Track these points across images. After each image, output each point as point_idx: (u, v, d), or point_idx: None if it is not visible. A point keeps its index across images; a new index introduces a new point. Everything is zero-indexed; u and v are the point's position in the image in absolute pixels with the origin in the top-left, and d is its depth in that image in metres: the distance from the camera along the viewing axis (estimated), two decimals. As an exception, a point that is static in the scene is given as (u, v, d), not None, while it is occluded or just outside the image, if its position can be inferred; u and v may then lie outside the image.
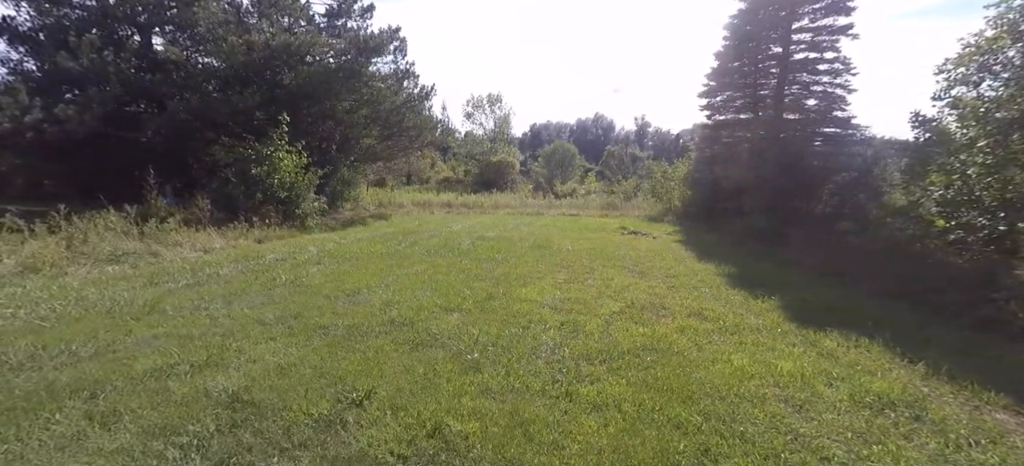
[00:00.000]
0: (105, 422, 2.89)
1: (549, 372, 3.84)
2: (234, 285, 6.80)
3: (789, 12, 16.11)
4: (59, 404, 3.09)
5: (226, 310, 5.53)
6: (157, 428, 2.83)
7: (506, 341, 4.54)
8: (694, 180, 17.26)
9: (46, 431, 2.78)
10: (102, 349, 4.15)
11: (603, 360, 4.14)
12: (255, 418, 2.96)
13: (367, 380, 3.57)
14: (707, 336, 4.92)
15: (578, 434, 2.89)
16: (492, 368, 3.87)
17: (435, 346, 4.41)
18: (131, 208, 10.27)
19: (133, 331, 4.68)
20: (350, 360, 3.99)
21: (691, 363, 4.08)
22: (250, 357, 4.03)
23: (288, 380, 3.57)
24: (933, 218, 8.06)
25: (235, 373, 3.67)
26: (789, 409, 3.27)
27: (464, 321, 5.24)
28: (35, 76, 15.56)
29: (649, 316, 5.64)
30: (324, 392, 3.38)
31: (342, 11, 19.39)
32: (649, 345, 4.53)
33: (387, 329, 4.93)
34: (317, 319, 5.21)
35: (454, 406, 3.18)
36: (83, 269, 7.46)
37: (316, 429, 2.88)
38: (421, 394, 3.37)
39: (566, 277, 7.82)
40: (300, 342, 4.47)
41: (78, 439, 2.70)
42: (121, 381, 3.47)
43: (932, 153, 7.96)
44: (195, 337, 4.51)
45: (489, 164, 32.29)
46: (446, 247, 10.53)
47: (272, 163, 12.48)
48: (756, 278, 7.91)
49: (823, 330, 5.11)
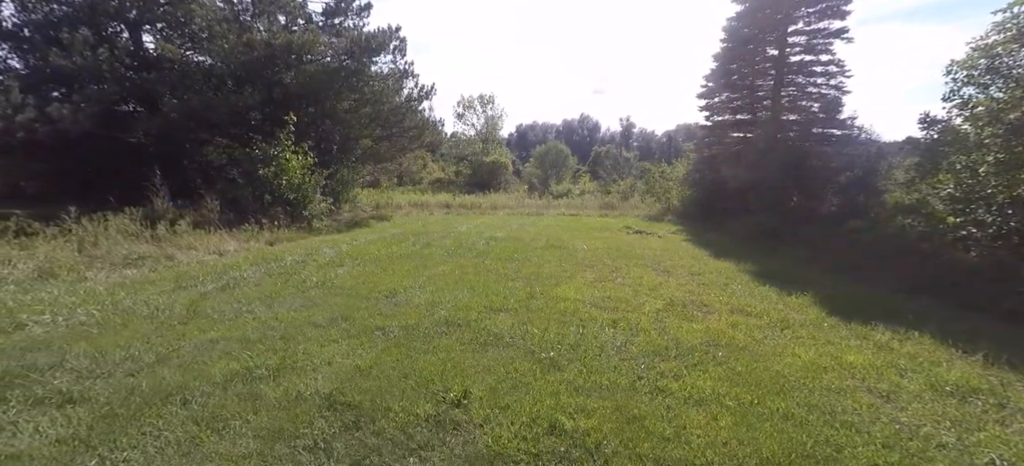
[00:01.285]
0: (214, 427, 2.82)
1: (629, 369, 3.87)
2: (265, 288, 6.67)
3: (785, 15, 16.55)
4: (156, 410, 3.00)
5: (270, 313, 5.42)
6: (271, 432, 2.78)
7: (572, 340, 4.56)
8: (694, 180, 17.53)
9: (158, 438, 2.70)
10: (165, 354, 4.03)
11: (674, 356, 4.19)
12: (366, 420, 2.93)
13: (455, 380, 3.55)
14: (761, 332, 5.02)
15: (692, 428, 2.93)
16: (572, 367, 3.88)
17: (501, 346, 4.41)
18: (136, 210, 10.02)
19: (186, 336, 4.56)
20: (426, 361, 3.96)
21: (761, 358, 4.17)
22: (323, 359, 3.97)
23: (375, 382, 3.52)
24: (942, 215, 8.35)
25: (317, 376, 3.61)
26: (879, 400, 3.38)
27: (518, 321, 5.24)
28: (19, 74, 14.97)
29: (695, 313, 5.73)
30: (417, 393, 3.35)
31: (339, 9, 19.14)
32: (711, 341, 4.61)
33: (444, 329, 4.90)
34: (368, 321, 5.15)
35: (557, 404, 3.19)
36: (102, 273, 7.23)
37: (431, 429, 2.86)
38: (516, 393, 3.37)
39: (594, 276, 7.86)
40: (364, 344, 4.41)
41: (196, 444, 2.63)
42: (206, 386, 3.38)
43: (942, 152, 8.25)
44: (254, 341, 4.42)
45: (482, 165, 32.26)
46: (462, 248, 10.49)
47: (279, 164, 12.26)
48: (777, 275, 8.08)
49: (867, 324, 5.26)
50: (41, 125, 11.89)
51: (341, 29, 18.63)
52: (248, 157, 12.21)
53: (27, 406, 3.06)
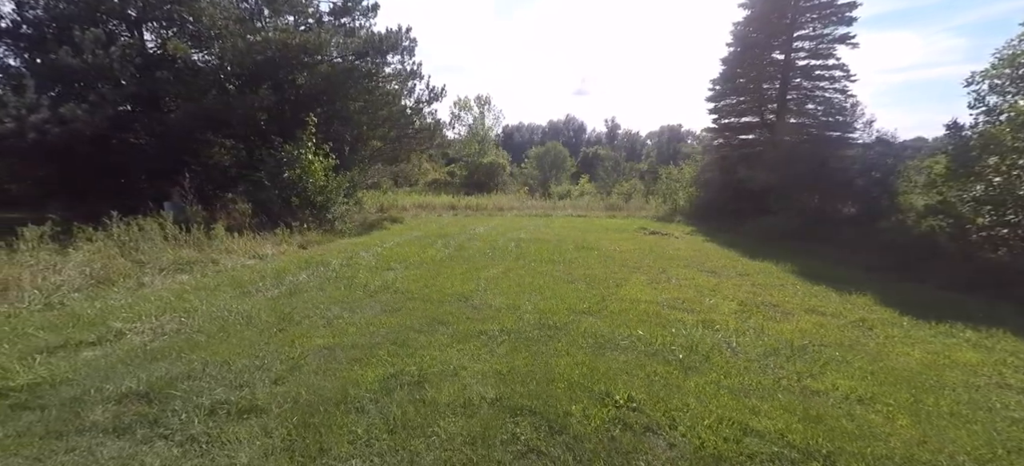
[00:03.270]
0: (415, 434, 2.81)
1: (759, 369, 3.99)
2: (331, 292, 6.59)
3: (792, 20, 17.04)
4: (341, 418, 2.98)
5: (360, 318, 5.37)
6: (474, 437, 2.79)
7: (682, 341, 4.65)
8: (703, 182, 17.88)
9: (369, 446, 2.69)
10: (295, 362, 3.96)
11: (791, 357, 4.32)
12: (556, 425, 2.96)
13: (603, 383, 3.60)
14: (850, 331, 5.21)
15: (876, 426, 3.05)
16: (705, 369, 3.97)
17: (617, 349, 4.46)
18: (166, 214, 9.76)
19: (295, 342, 4.49)
20: (558, 364, 3.99)
21: (875, 357, 4.34)
22: (454, 364, 3.96)
23: (527, 386, 3.54)
24: (973, 216, 8.75)
25: (468, 381, 3.61)
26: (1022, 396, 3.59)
27: (610, 324, 5.29)
28: (20, 73, 14.37)
29: (773, 313, 5.89)
30: (579, 396, 3.38)
31: (346, 9, 18.90)
32: (813, 341, 4.76)
33: (547, 333, 4.93)
34: (465, 326, 5.14)
35: (730, 405, 3.28)
36: (157, 279, 7.04)
37: (625, 431, 2.91)
38: (676, 395, 3.43)
39: (647, 278, 7.97)
40: (480, 348, 4.41)
41: (413, 453, 2.63)
42: (368, 393, 3.36)
43: (972, 156, 8.66)
44: (371, 347, 4.37)
45: (479, 166, 32.23)
46: (495, 251, 10.49)
47: (303, 166, 12.06)
48: (821, 275, 8.33)
49: (944, 322, 5.50)
50: (53, 126, 11.44)
51: (352, 29, 18.42)
52: (273, 159, 11.97)
53: (203, 416, 3.00)
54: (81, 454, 2.60)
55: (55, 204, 13.63)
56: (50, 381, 3.44)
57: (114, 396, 3.26)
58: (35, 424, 2.87)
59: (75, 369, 3.69)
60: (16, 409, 3.04)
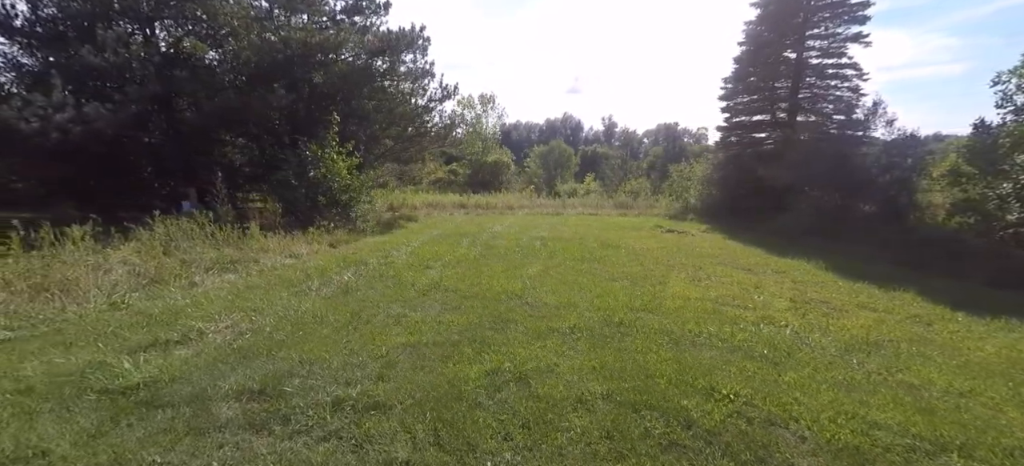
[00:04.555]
0: (546, 426, 2.89)
1: (845, 365, 4.09)
2: (381, 291, 6.61)
3: (804, 19, 17.23)
4: (478, 412, 3.04)
5: (421, 316, 5.41)
6: (607, 432, 2.87)
7: (752, 336, 4.74)
8: (719, 179, 18.03)
9: (509, 438, 2.76)
10: (387, 361, 3.99)
11: (865, 351, 4.43)
12: (682, 419, 3.04)
13: (702, 378, 3.68)
14: (908, 326, 5.33)
15: (986, 418, 3.16)
16: (793, 365, 4.05)
17: (696, 346, 4.53)
18: (200, 213, 9.72)
19: (376, 340, 4.51)
20: (647, 360, 4.07)
21: (948, 350, 4.47)
22: (548, 361, 4.02)
23: (626, 382, 3.60)
24: (1000, 213, 8.94)
25: (569, 377, 3.68)
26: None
27: (672, 321, 5.34)
28: (34, 71, 14.23)
29: (826, 309, 6.00)
30: (686, 391, 3.46)
31: (359, 8, 18.85)
32: (881, 335, 4.87)
33: (617, 331, 4.99)
34: (532, 324, 5.18)
35: (835, 400, 3.36)
36: (207, 278, 7.04)
37: (752, 426, 2.99)
38: (775, 391, 3.50)
39: (686, 276, 8.05)
40: (558, 345, 4.47)
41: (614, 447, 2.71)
42: (475, 389, 3.42)
43: (1000, 154, 8.85)
44: (454, 344, 4.41)
45: (483, 164, 32.26)
46: (522, 249, 10.52)
47: (327, 165, 12.06)
48: (855, 271, 8.45)
49: (997, 317, 5.64)
50: (75, 125, 11.33)
51: (365, 27, 18.38)
52: (297, 157, 11.95)
53: (330, 412, 3.04)
54: (232, 450, 2.64)
55: (65, 203, 13.54)
56: (162, 379, 3.46)
57: (231, 393, 3.29)
58: (174, 421, 2.90)
59: (177, 367, 3.71)
60: (148, 407, 3.06)
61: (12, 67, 14.03)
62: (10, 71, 13.95)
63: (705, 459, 2.63)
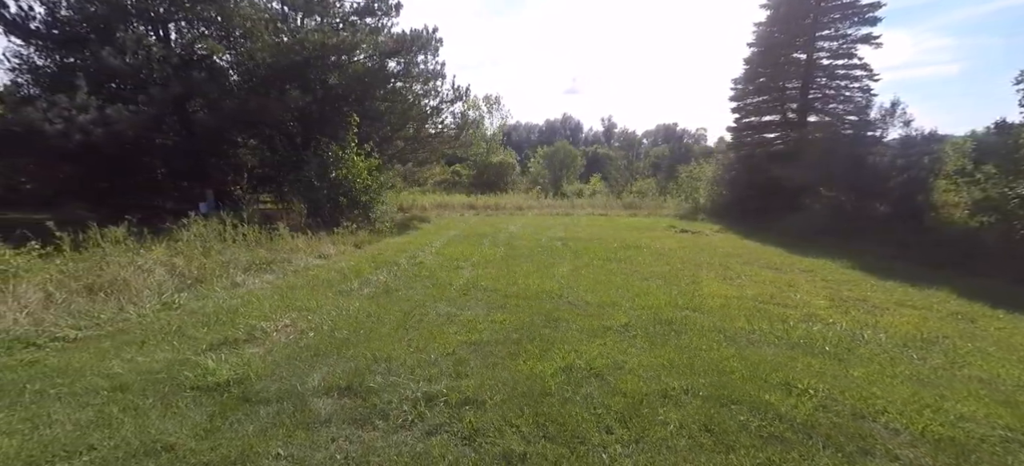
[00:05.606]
0: (644, 421, 2.96)
1: (907, 360, 4.17)
2: (421, 291, 6.66)
3: (814, 21, 17.38)
4: (569, 408, 3.11)
5: (470, 315, 5.47)
6: (707, 425, 2.94)
7: (806, 336, 4.82)
8: (729, 179, 18.16)
9: (611, 431, 2.84)
10: (456, 359, 4.06)
11: (920, 346, 4.53)
12: (773, 415, 3.12)
13: (777, 374, 3.76)
14: (952, 322, 5.42)
15: None
16: (857, 361, 4.13)
17: (751, 343, 4.60)
18: (226, 214, 9.74)
19: (437, 339, 4.57)
20: (712, 357, 4.15)
21: (1003, 346, 4.57)
22: (613, 358, 4.09)
23: (704, 378, 3.68)
24: (1021, 213, 9.05)
25: (641, 373, 3.75)
26: None
27: (720, 319, 5.42)
28: (49, 72, 14.21)
29: (866, 307, 6.09)
30: (764, 387, 3.53)
31: (370, 9, 18.90)
32: (931, 332, 4.96)
33: (670, 329, 5.05)
34: (584, 322, 5.24)
35: (913, 394, 3.45)
36: (248, 278, 7.08)
37: (847, 420, 3.07)
38: (850, 386, 3.58)
39: (716, 275, 8.12)
40: (617, 342, 4.55)
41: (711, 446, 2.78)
42: (558, 385, 3.49)
43: (1022, 154, 8.97)
44: (513, 341, 4.48)
45: (488, 165, 32.33)
46: (543, 249, 10.59)
47: (347, 166, 12.10)
48: (881, 269, 8.56)
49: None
50: (97, 127, 11.31)
51: (377, 28, 18.42)
52: (318, 158, 11.99)
53: (423, 408, 3.10)
54: (346, 443, 2.69)
55: (74, 203, 13.51)
56: (247, 377, 3.51)
57: (321, 389, 3.34)
58: (279, 416, 2.95)
59: (257, 365, 3.76)
60: (247, 403, 3.11)
61: (29, 69, 13.98)
62: (26, 73, 13.90)
63: (809, 450, 2.70)
